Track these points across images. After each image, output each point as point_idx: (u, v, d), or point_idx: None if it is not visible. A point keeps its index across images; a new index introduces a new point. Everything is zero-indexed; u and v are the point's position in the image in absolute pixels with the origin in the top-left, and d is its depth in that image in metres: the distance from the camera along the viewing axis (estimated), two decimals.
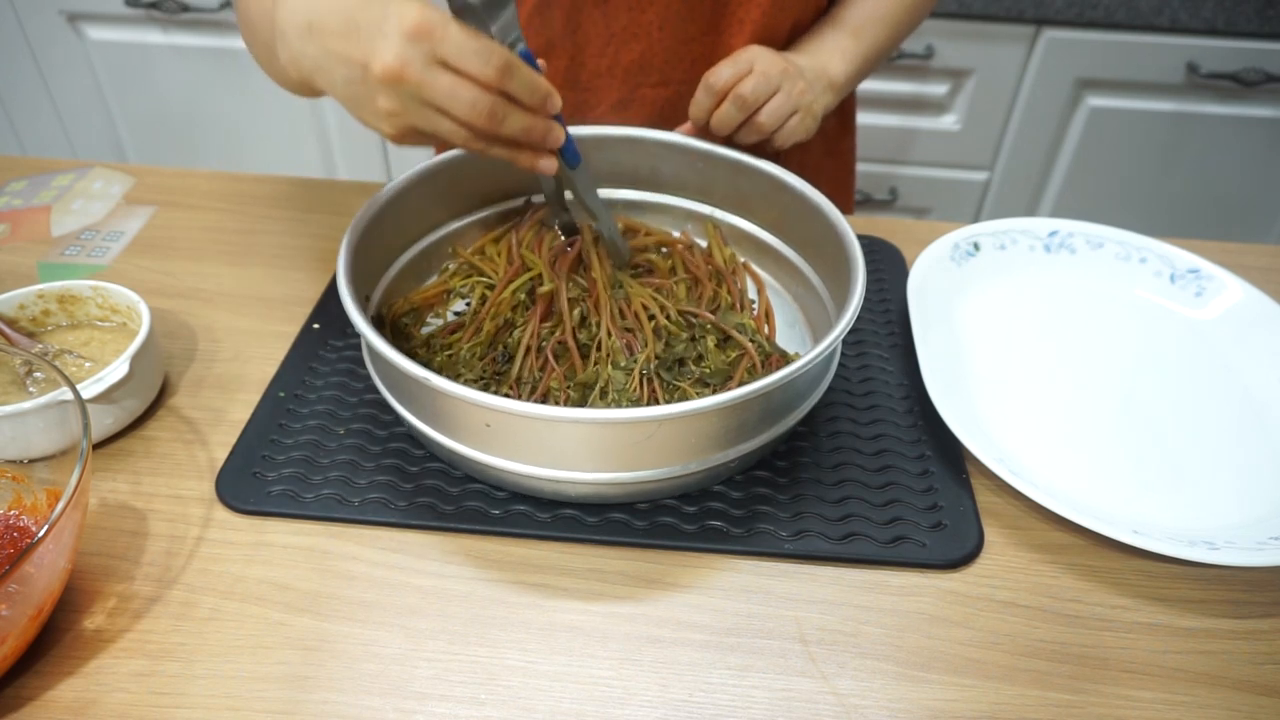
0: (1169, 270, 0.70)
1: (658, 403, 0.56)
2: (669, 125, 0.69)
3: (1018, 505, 0.55)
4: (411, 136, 0.49)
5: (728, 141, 0.68)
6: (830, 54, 0.74)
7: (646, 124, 0.70)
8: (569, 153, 0.57)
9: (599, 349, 0.58)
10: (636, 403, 0.55)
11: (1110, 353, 0.65)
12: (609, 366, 0.56)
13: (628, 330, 0.59)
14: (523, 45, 0.51)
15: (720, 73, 0.65)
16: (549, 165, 0.53)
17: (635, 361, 0.56)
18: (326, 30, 0.48)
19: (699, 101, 0.67)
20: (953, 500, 0.54)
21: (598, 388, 0.55)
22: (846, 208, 0.95)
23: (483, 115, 0.47)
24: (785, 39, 0.78)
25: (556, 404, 0.55)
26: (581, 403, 0.55)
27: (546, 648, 0.47)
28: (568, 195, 0.65)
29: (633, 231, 0.72)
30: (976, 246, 0.71)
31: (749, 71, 0.65)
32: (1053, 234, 0.72)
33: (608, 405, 0.54)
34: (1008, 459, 0.54)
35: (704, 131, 0.68)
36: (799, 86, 0.67)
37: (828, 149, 0.89)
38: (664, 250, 0.70)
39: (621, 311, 0.61)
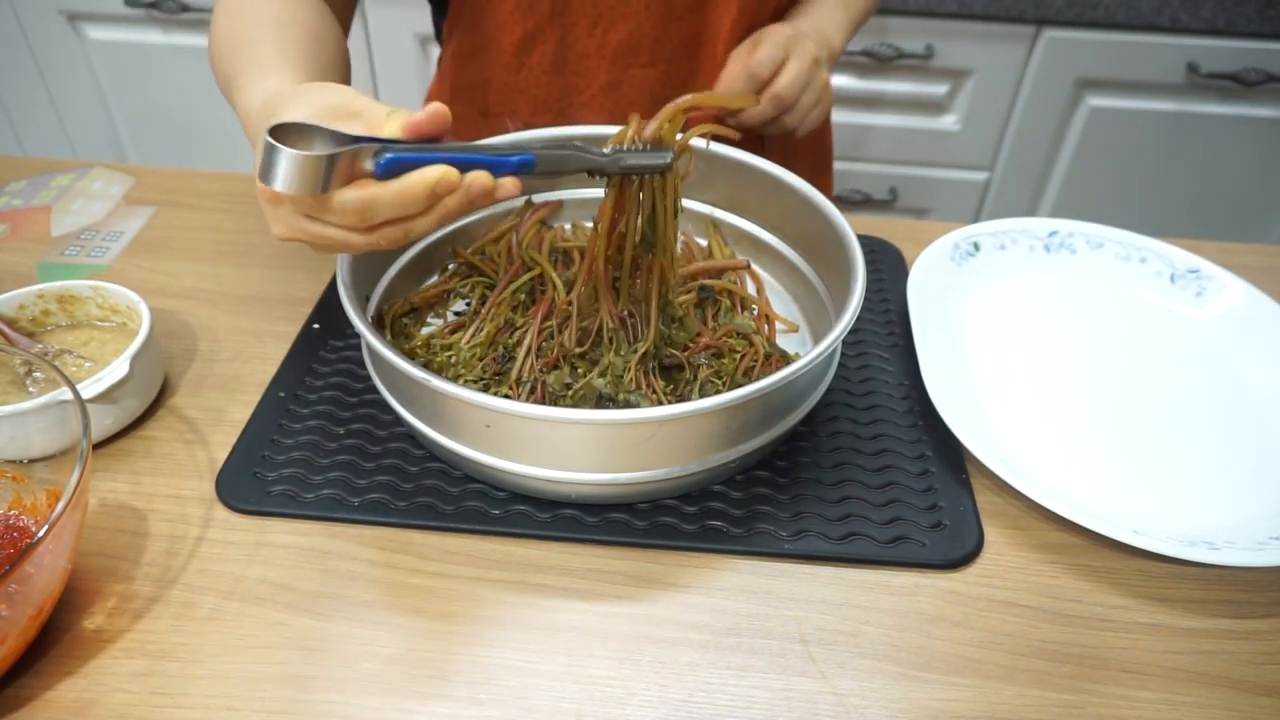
0: (1169, 270, 0.70)
1: (655, 391, 0.56)
2: (659, 106, 0.69)
3: (1018, 505, 0.55)
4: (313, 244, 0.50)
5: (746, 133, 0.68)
6: (831, 28, 0.76)
7: (637, 105, 0.70)
8: (515, 168, 0.49)
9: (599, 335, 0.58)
10: (634, 392, 0.55)
11: (1110, 353, 0.65)
12: (610, 352, 0.56)
13: (630, 315, 0.59)
14: (386, 157, 0.45)
15: (761, 60, 0.67)
16: (508, 193, 0.49)
17: (635, 351, 0.56)
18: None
19: (738, 87, 0.67)
20: (953, 500, 0.54)
21: (596, 370, 0.55)
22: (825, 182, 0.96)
23: (382, 244, 0.47)
24: (770, 14, 0.78)
25: (559, 380, 0.55)
26: (582, 375, 0.56)
27: (546, 648, 0.47)
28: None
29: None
30: (976, 246, 0.71)
31: (785, 59, 0.66)
32: (1053, 234, 0.72)
33: (606, 385, 0.54)
34: (1008, 459, 0.54)
35: (728, 116, 0.69)
36: (822, 79, 0.69)
37: (810, 144, 0.90)
38: None
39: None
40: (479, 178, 0.47)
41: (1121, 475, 0.56)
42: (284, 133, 0.43)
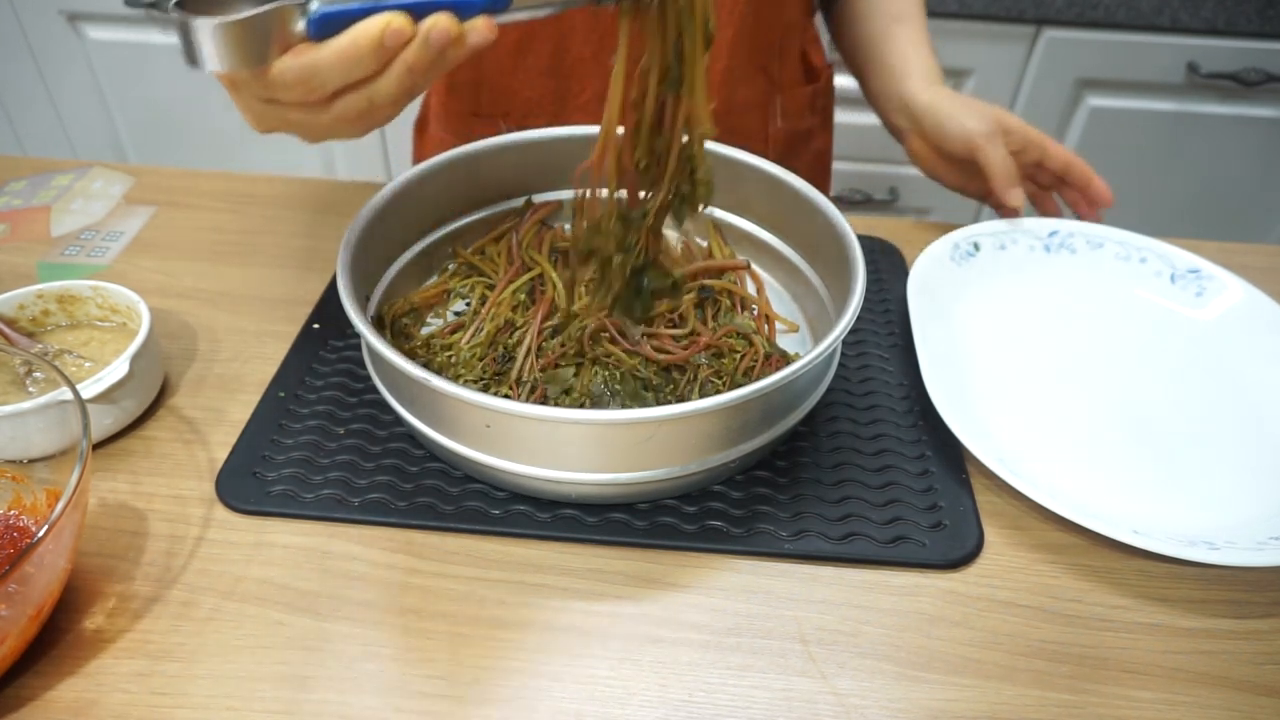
0: (1169, 270, 0.70)
1: (653, 384, 0.56)
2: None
3: (1018, 505, 0.55)
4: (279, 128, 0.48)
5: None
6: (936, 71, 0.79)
7: None
8: (484, 5, 0.42)
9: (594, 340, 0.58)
10: (635, 393, 0.55)
11: (1110, 352, 0.65)
12: (606, 342, 0.57)
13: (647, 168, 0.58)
14: (317, 11, 0.40)
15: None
16: (481, 37, 0.42)
17: (645, 214, 0.55)
18: None
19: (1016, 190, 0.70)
20: (953, 500, 0.54)
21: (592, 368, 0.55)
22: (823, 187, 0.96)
23: (348, 122, 0.44)
24: (771, 31, 0.78)
25: (556, 374, 0.55)
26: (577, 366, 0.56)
27: (546, 648, 0.47)
28: None
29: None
30: (976, 247, 0.71)
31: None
32: (1053, 234, 0.72)
33: (604, 381, 0.55)
34: (1008, 459, 0.54)
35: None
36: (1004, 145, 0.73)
37: (810, 147, 0.90)
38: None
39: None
40: (439, 21, 0.40)
41: (1121, 475, 0.56)
42: (196, 4, 0.38)
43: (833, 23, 0.89)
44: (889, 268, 0.74)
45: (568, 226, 0.72)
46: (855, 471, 0.56)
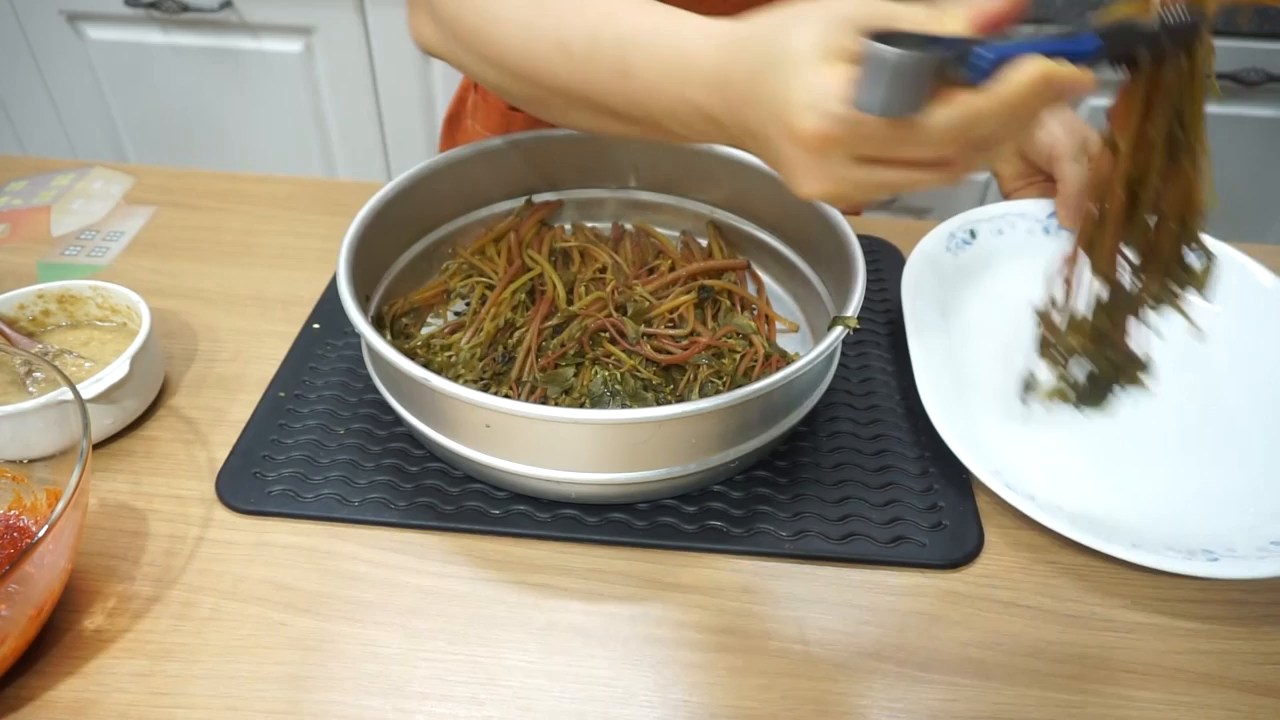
0: None
1: (653, 384, 0.56)
2: None
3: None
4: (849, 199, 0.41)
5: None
6: None
7: None
8: (1089, 56, 0.36)
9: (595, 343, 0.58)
10: (635, 393, 0.55)
11: None
12: (605, 342, 0.57)
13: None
14: (990, 53, 0.34)
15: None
16: (1088, 88, 0.37)
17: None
18: (731, 112, 0.42)
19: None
20: (953, 500, 0.54)
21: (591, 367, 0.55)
22: (858, 208, 0.96)
23: (956, 174, 0.38)
24: None
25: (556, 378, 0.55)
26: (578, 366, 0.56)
27: (546, 648, 0.47)
28: None
29: (644, 234, 0.72)
30: (973, 234, 0.69)
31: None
32: (1052, 215, 0.71)
33: (604, 382, 0.55)
34: (1004, 469, 0.53)
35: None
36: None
37: None
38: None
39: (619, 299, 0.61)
40: (1072, 72, 0.35)
41: (1120, 473, 0.56)
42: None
43: None
44: (889, 268, 0.74)
45: (568, 226, 0.72)
46: (855, 471, 0.56)
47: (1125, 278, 0.48)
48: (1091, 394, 0.52)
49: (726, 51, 0.41)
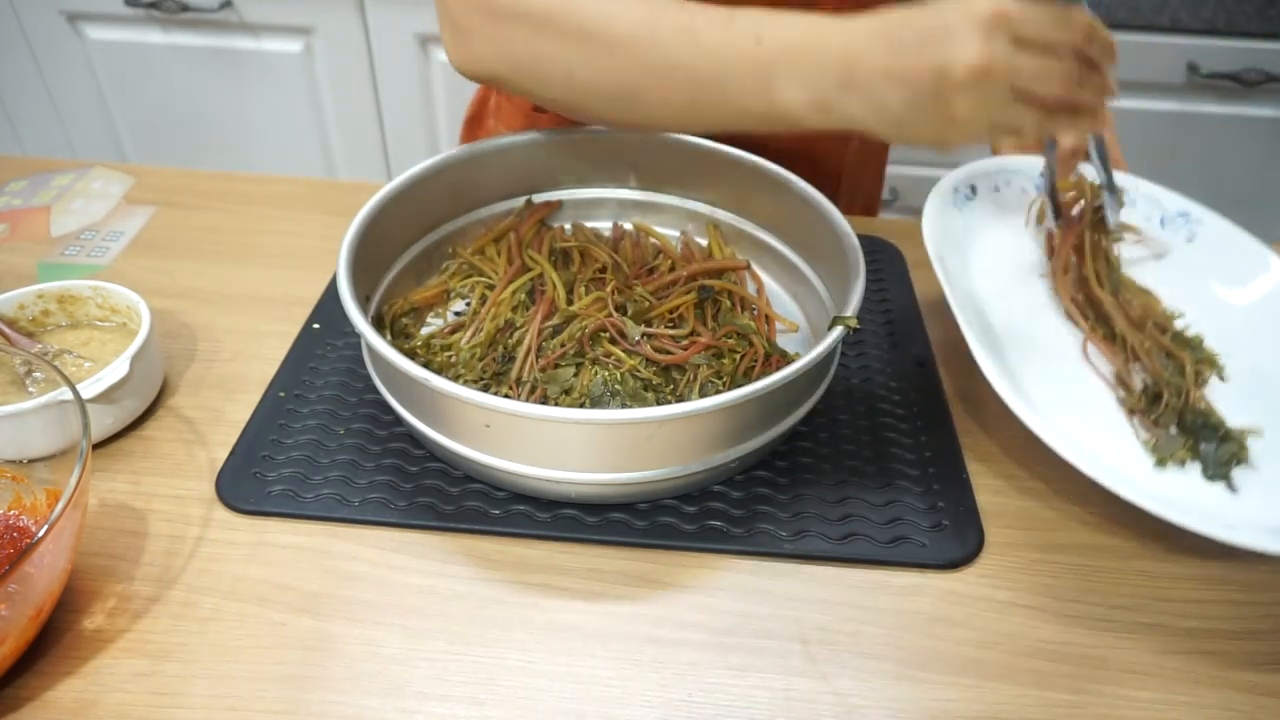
0: (1159, 214, 0.68)
1: (653, 384, 0.56)
2: None
3: (1018, 505, 0.55)
4: (979, 137, 0.48)
5: None
6: None
7: None
8: None
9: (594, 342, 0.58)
10: (635, 393, 0.55)
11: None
12: (605, 342, 0.57)
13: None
14: None
15: None
16: (1101, 124, 0.50)
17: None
18: (872, 59, 0.47)
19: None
20: (953, 500, 0.54)
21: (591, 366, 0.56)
22: (873, 209, 0.96)
23: (1069, 85, 0.46)
24: None
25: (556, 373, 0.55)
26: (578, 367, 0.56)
27: (546, 648, 0.47)
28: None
29: (643, 234, 0.72)
30: (974, 190, 0.68)
31: None
32: (1043, 173, 0.68)
33: (604, 382, 0.55)
34: (1045, 419, 0.50)
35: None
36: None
37: (869, 152, 0.90)
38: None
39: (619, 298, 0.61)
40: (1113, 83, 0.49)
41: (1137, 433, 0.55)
42: None
43: None
44: (889, 268, 0.74)
45: (568, 226, 0.72)
46: (855, 471, 0.56)
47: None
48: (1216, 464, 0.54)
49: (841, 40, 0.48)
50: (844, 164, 0.86)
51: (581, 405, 0.55)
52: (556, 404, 0.55)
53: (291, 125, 1.53)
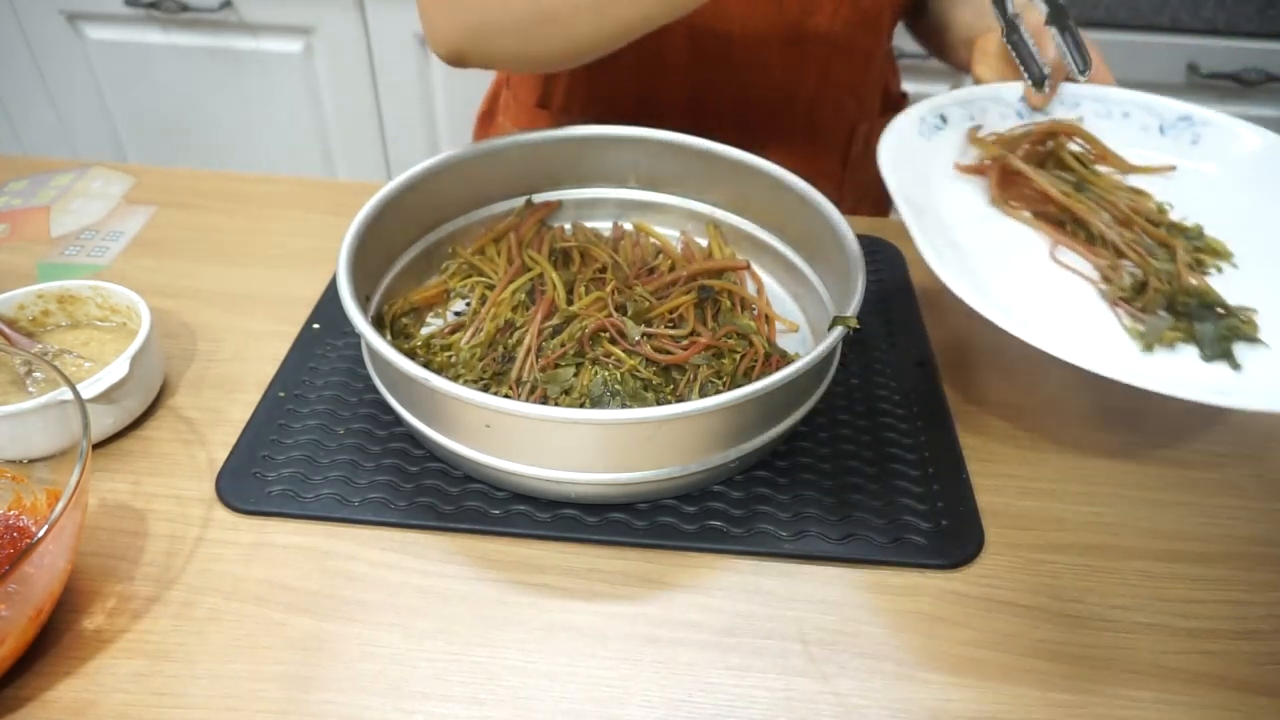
0: (1157, 122, 0.65)
1: (653, 384, 0.56)
2: (745, 122, 0.67)
3: (1018, 505, 0.55)
4: None
5: None
6: None
7: (719, 119, 0.68)
8: None
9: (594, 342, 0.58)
10: (635, 393, 0.55)
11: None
12: (605, 342, 0.57)
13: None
14: None
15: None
16: None
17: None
18: None
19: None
20: (953, 500, 0.54)
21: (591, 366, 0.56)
22: (883, 209, 0.96)
23: None
24: (861, 53, 0.78)
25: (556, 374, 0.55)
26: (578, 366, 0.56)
27: (546, 648, 0.47)
28: None
29: (643, 234, 0.72)
30: (944, 119, 0.65)
31: None
32: (1023, 99, 0.66)
33: (604, 382, 0.55)
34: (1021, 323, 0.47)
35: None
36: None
37: (871, 150, 0.90)
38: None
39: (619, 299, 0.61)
40: None
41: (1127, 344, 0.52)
42: None
43: (920, 31, 0.89)
44: (889, 268, 0.74)
45: (568, 226, 0.72)
46: (855, 471, 0.56)
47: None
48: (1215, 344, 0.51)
49: None
50: (845, 163, 0.86)
51: (581, 405, 0.55)
52: (556, 404, 0.55)
53: (291, 125, 1.53)
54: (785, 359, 0.59)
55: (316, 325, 0.66)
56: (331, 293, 0.69)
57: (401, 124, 1.51)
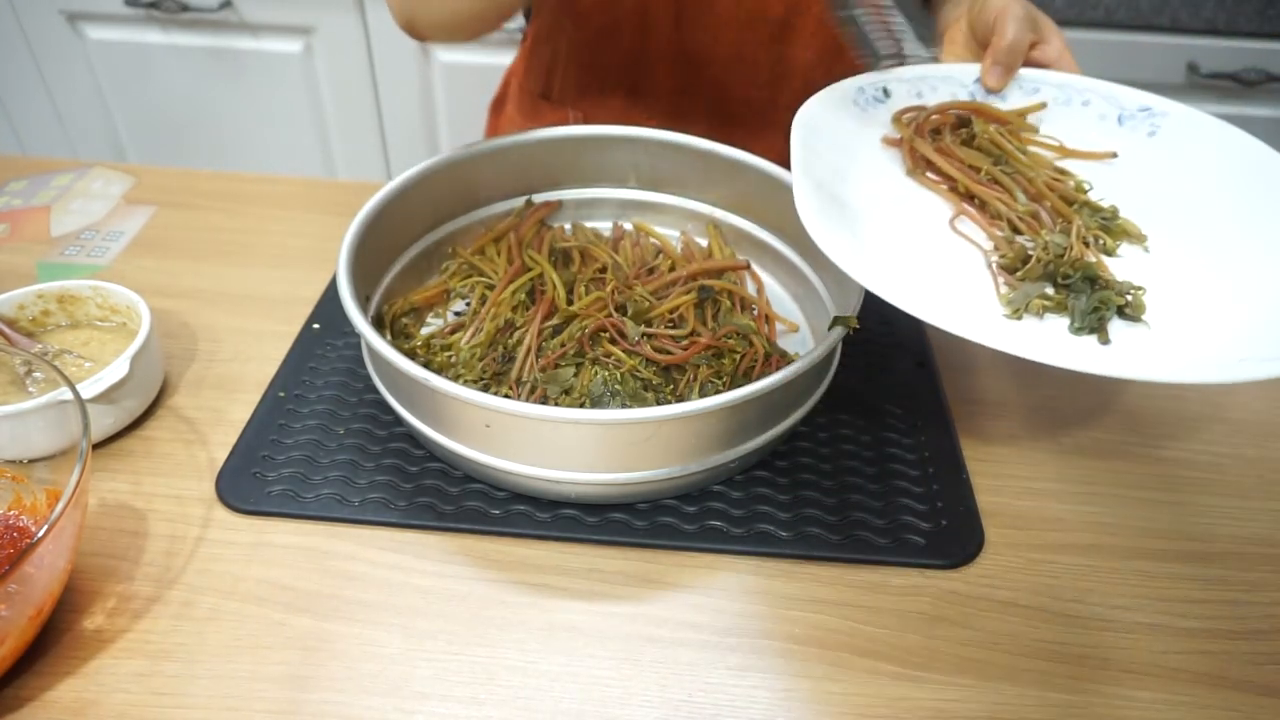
0: (1116, 111, 0.62)
1: (653, 384, 0.56)
2: (725, 116, 0.68)
3: (1018, 505, 0.55)
4: None
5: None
6: None
7: (703, 114, 0.68)
8: None
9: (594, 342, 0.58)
10: (635, 393, 0.55)
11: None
12: (605, 342, 0.57)
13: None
14: None
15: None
16: None
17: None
18: None
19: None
20: (953, 500, 0.54)
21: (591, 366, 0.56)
22: None
23: None
24: (848, 58, 0.78)
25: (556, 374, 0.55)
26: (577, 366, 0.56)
27: (546, 648, 0.47)
28: None
29: (643, 234, 0.72)
30: (886, 92, 0.61)
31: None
32: (978, 80, 0.63)
33: (604, 382, 0.55)
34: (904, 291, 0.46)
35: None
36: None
37: None
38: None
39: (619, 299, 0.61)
40: None
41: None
42: None
43: None
44: None
45: (568, 226, 0.72)
46: (855, 471, 0.56)
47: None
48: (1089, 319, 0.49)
49: None
50: None
51: (581, 405, 0.55)
52: (556, 404, 0.55)
53: (291, 125, 1.53)
54: (785, 359, 0.59)
55: (316, 325, 0.66)
56: (331, 293, 0.69)
57: (401, 124, 1.51)
